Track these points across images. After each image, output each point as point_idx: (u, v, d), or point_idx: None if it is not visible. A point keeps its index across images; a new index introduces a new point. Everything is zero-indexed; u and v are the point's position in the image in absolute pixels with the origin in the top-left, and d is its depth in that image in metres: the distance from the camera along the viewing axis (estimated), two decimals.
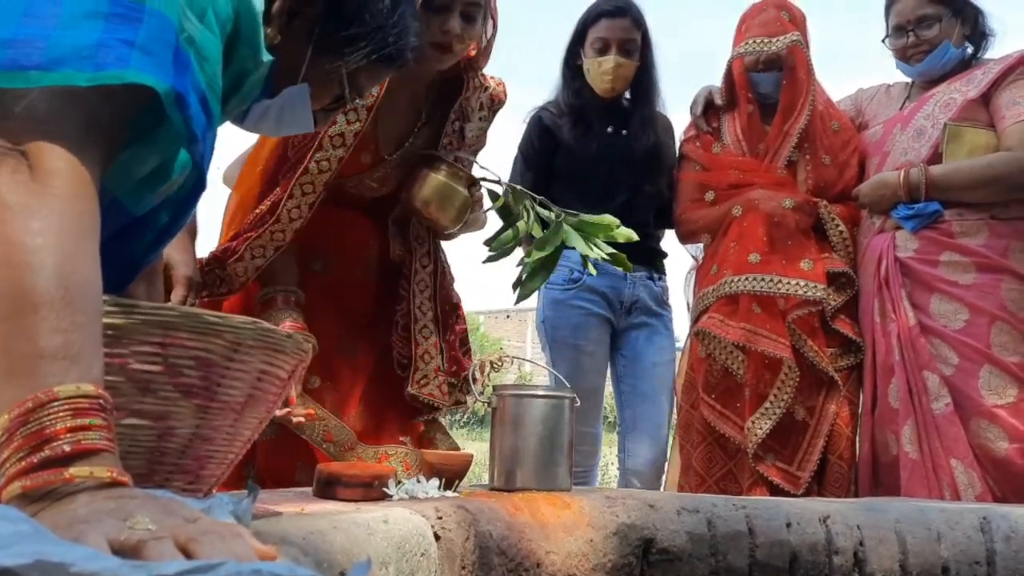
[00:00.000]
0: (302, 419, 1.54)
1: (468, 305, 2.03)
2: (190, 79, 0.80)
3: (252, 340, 0.82)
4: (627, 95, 2.51)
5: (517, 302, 1.76)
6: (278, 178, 1.69)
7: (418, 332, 1.78)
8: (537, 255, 1.65)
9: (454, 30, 1.60)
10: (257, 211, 1.67)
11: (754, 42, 2.31)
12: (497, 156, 2.06)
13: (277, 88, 1.04)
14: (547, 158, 2.48)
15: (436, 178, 1.75)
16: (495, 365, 1.63)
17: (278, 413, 1.45)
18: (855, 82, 4.86)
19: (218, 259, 1.65)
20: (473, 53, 1.75)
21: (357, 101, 1.25)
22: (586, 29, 2.43)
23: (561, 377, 1.85)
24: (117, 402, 0.71)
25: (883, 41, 2.39)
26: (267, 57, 0.98)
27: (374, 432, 1.74)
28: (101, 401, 0.62)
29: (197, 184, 0.95)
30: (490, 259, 1.74)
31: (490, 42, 1.77)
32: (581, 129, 2.46)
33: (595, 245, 1.73)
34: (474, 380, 1.61)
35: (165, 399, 0.77)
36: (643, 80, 2.47)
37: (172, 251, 1.48)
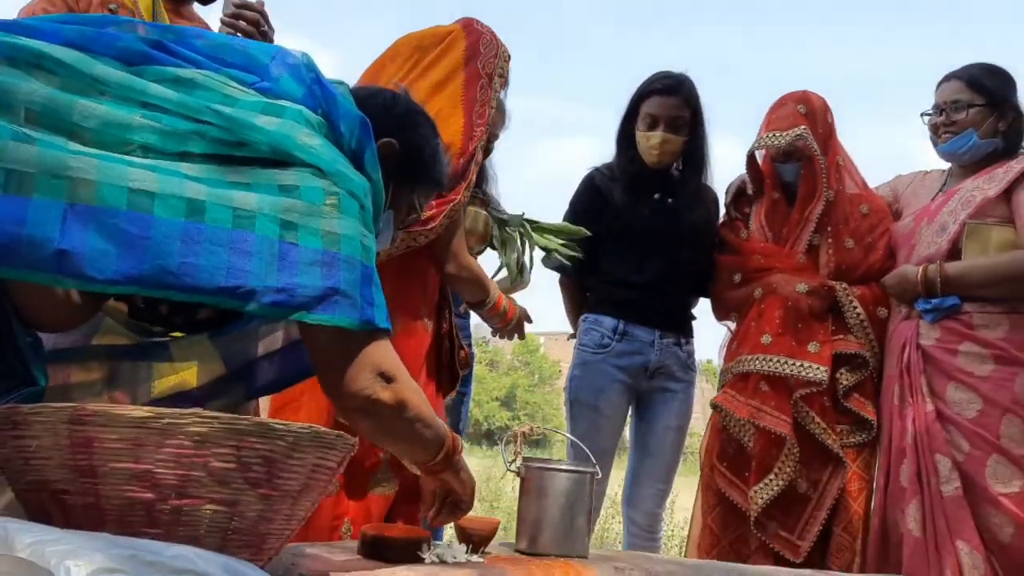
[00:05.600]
0: None
1: (528, 327, 2.37)
2: (373, 290, 1.15)
3: (308, 441, 1.01)
4: (678, 166, 2.66)
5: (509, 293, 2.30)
6: None
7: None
8: (506, 258, 2.29)
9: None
10: None
11: (766, 136, 2.47)
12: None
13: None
14: (594, 217, 2.62)
15: (472, 210, 2.17)
16: (527, 436, 1.79)
17: None
18: None
19: None
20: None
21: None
22: (639, 102, 2.59)
23: (580, 443, 2.01)
24: (200, 492, 0.91)
25: (921, 116, 2.48)
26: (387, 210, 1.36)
27: None
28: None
29: None
30: (513, 284, 2.33)
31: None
32: (630, 195, 2.62)
33: (551, 240, 2.38)
34: (506, 447, 1.77)
35: (237, 490, 0.96)
36: (693, 154, 2.62)
37: None
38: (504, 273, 2.36)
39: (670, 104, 2.54)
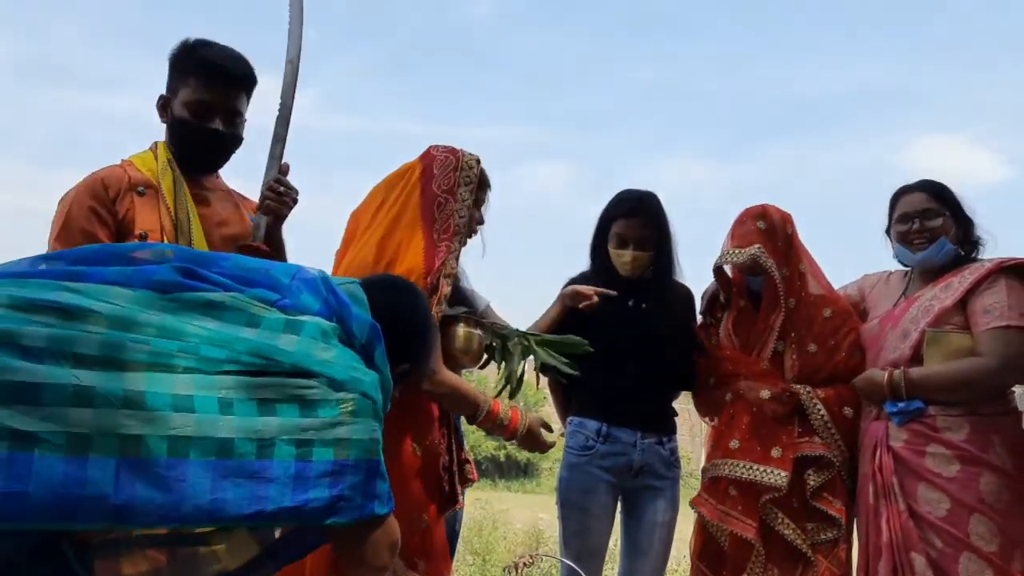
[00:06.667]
0: None
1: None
2: (377, 482, 1.34)
3: None
4: (650, 272, 2.78)
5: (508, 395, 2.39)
6: None
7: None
8: (504, 372, 2.36)
9: None
10: None
11: (728, 253, 2.62)
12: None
13: None
14: (577, 324, 2.70)
15: (464, 331, 2.25)
16: (527, 563, 1.87)
17: None
18: None
19: None
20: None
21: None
22: (606, 224, 2.76)
23: (572, 564, 2.09)
24: None
25: (886, 232, 2.64)
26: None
27: None
28: None
29: None
30: (512, 394, 2.38)
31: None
32: (607, 303, 2.73)
33: (554, 357, 2.45)
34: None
35: None
36: (661, 263, 2.76)
37: None
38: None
39: (636, 224, 2.71)
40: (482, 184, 2.24)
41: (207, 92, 2.07)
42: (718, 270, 2.75)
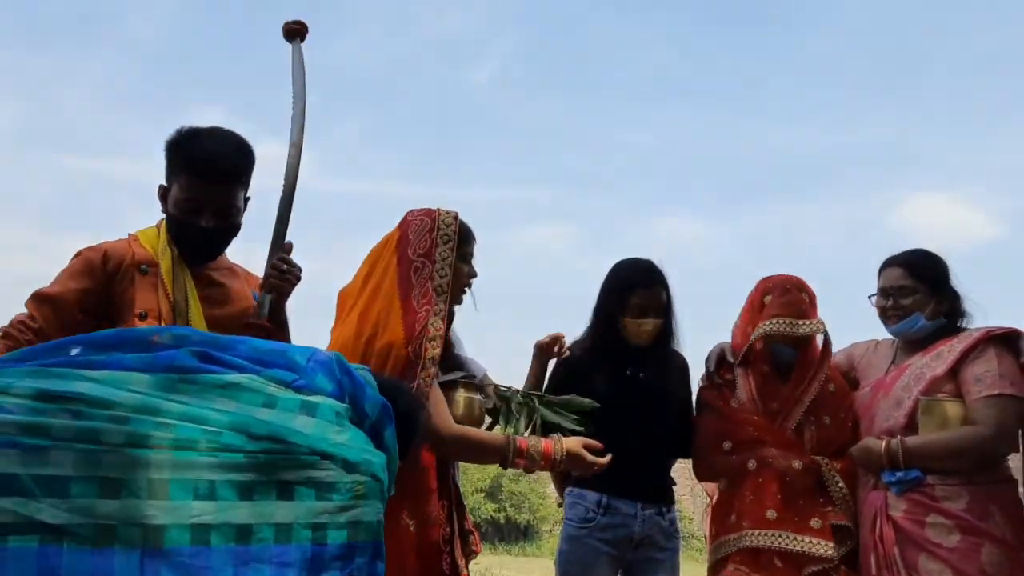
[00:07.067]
0: None
1: None
2: (378, 564, 1.37)
3: None
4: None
5: None
6: None
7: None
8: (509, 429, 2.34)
9: None
10: None
11: (781, 322, 2.60)
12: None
13: None
14: (575, 394, 2.67)
15: (464, 396, 2.25)
16: None
17: None
18: None
19: None
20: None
21: None
22: (623, 293, 2.74)
23: None
24: None
25: (869, 298, 2.70)
26: None
27: None
28: None
29: None
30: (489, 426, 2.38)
31: None
32: (608, 372, 2.75)
33: (560, 414, 2.43)
34: None
35: None
36: (666, 331, 2.78)
37: None
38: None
39: (654, 293, 2.73)
40: (464, 238, 2.21)
41: (197, 190, 2.06)
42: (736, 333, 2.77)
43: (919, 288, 2.57)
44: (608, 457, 2.24)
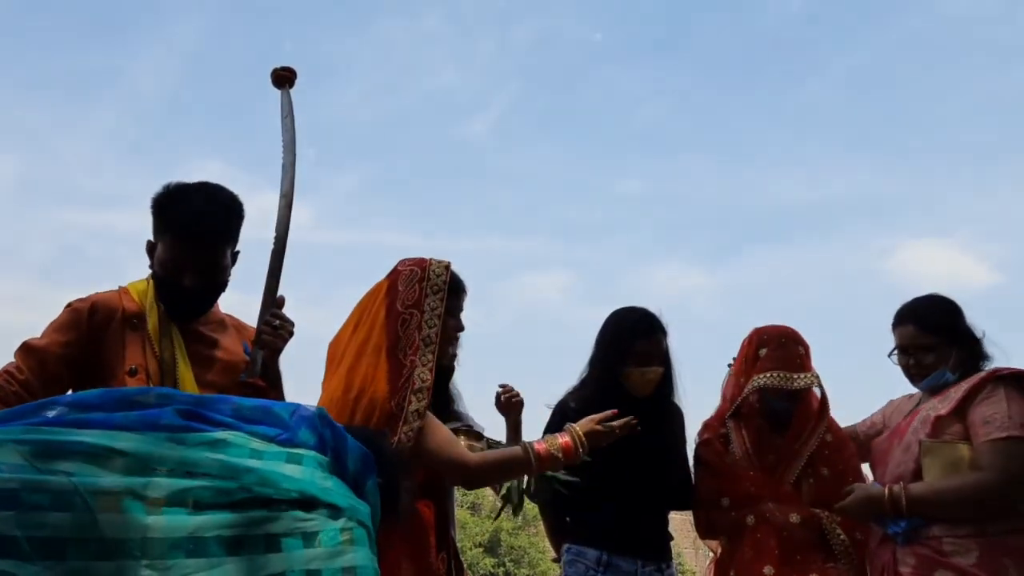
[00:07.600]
0: None
1: None
2: None
3: None
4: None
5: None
6: None
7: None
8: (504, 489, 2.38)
9: None
10: None
11: (776, 376, 2.57)
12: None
13: None
14: None
15: (466, 445, 2.17)
16: None
17: None
18: None
19: None
20: None
21: None
22: (625, 342, 2.71)
23: None
24: None
25: (888, 356, 2.59)
26: None
27: None
28: None
29: None
30: (515, 511, 2.42)
31: None
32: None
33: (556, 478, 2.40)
34: None
35: None
36: (666, 381, 2.76)
37: None
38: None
39: (657, 341, 2.72)
40: (455, 290, 2.18)
41: (180, 251, 2.04)
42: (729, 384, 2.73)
43: (936, 343, 2.49)
44: (629, 418, 2.17)
